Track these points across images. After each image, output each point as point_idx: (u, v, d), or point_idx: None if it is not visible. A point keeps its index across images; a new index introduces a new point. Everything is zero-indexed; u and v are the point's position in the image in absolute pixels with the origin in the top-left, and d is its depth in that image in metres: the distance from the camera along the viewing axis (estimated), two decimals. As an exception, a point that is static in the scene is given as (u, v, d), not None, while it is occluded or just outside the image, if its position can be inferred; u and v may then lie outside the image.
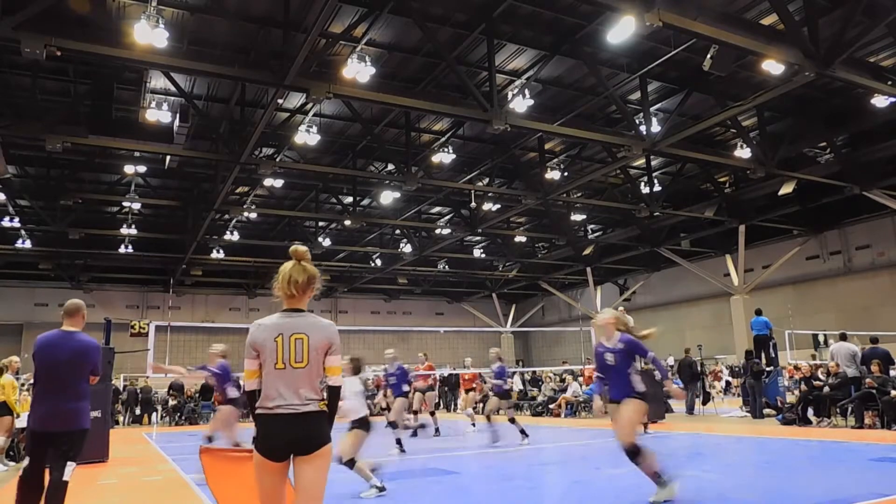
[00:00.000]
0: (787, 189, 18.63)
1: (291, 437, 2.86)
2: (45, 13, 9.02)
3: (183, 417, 20.70)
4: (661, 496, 5.24)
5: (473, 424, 14.05)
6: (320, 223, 24.35)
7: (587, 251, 28.06)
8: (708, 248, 26.60)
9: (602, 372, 5.70)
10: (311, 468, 2.88)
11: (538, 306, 38.00)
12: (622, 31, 10.64)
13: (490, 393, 12.54)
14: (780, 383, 14.80)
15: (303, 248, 3.19)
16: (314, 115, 15.46)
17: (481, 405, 17.38)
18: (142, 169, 18.60)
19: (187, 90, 13.78)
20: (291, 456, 2.90)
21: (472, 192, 20.57)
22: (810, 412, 12.09)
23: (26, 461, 4.37)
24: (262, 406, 2.92)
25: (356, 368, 6.86)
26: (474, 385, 17.75)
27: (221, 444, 7.64)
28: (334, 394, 3.06)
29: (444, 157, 17.21)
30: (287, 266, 3.12)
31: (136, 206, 21.82)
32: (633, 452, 5.24)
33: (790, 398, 14.24)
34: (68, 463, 4.29)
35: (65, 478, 4.27)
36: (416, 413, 13.51)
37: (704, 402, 15.88)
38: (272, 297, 3.19)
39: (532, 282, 34.04)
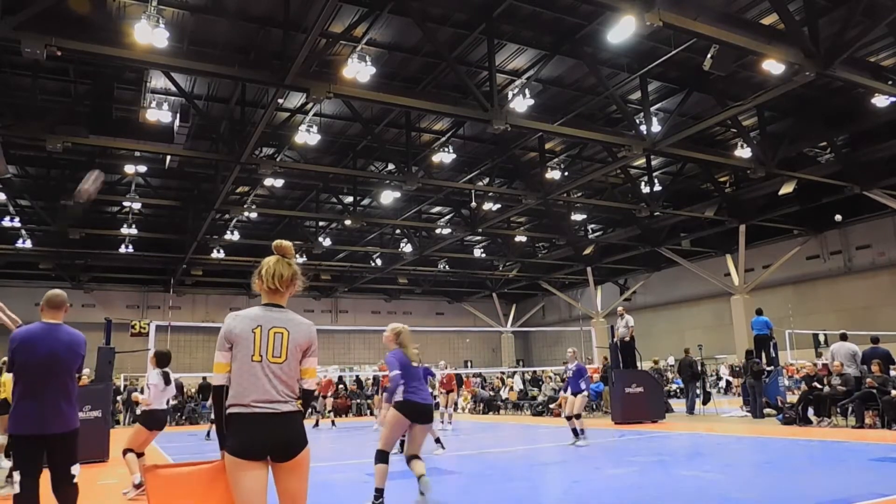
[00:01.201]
0: (787, 189, 18.62)
1: (272, 439, 2.68)
2: (45, 13, 9.02)
3: (183, 417, 20.71)
4: None
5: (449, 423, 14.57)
6: (321, 223, 24.35)
7: (587, 251, 28.06)
8: (708, 247, 26.60)
9: None
10: (295, 476, 2.75)
11: (538, 306, 38.00)
12: (622, 31, 10.63)
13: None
14: (780, 383, 14.79)
15: (287, 244, 3.05)
16: (314, 114, 15.47)
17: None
18: (142, 169, 18.61)
19: (187, 90, 13.78)
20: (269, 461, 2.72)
21: (473, 191, 20.57)
22: (810, 412, 12.08)
23: (17, 475, 3.89)
24: (236, 403, 2.69)
25: (161, 361, 7.04)
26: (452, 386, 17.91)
27: None
28: (308, 397, 2.91)
29: (445, 157, 17.21)
30: (271, 261, 2.96)
31: (137, 205, 21.83)
32: (377, 457, 5.58)
33: (790, 398, 14.23)
34: (73, 466, 4.03)
35: (75, 480, 4.02)
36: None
37: (704, 402, 15.87)
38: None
39: (532, 282, 34.03)
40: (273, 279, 2.90)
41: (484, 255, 30.14)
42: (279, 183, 19.97)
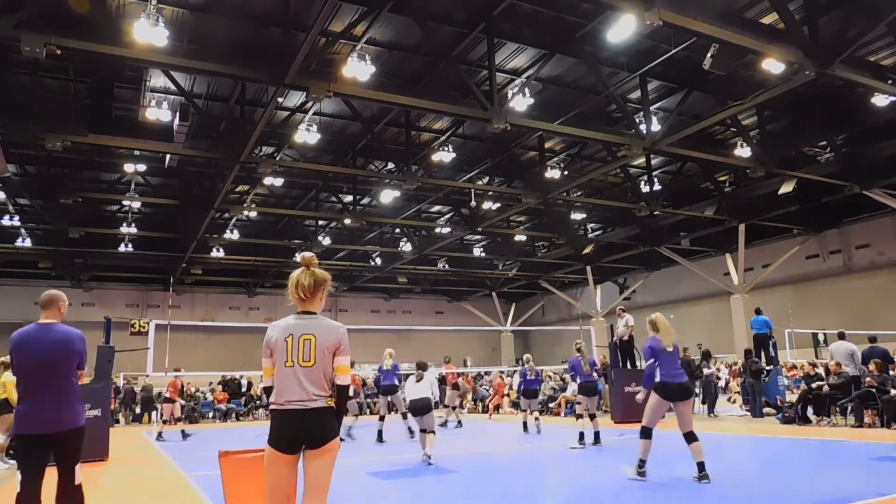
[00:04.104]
0: (787, 188, 18.60)
1: (301, 430, 3.09)
2: (44, 12, 9.02)
3: (183, 416, 20.69)
4: None
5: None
6: (320, 222, 24.34)
7: (587, 250, 28.04)
8: (708, 247, 26.58)
9: None
10: (318, 462, 3.10)
11: (538, 305, 38.00)
12: (622, 29, 10.63)
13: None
14: (779, 382, 14.80)
15: (309, 255, 3.41)
16: (314, 113, 15.46)
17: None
18: (142, 167, 18.58)
19: (187, 89, 13.77)
20: (303, 450, 3.12)
21: (472, 190, 20.55)
22: (810, 411, 12.09)
23: (19, 475, 3.92)
24: (274, 402, 3.15)
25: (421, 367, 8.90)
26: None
27: None
28: (342, 392, 3.24)
29: (444, 156, 17.20)
30: (296, 273, 3.35)
31: (136, 204, 21.81)
32: (641, 433, 6.67)
33: (790, 397, 14.24)
34: (76, 466, 4.01)
35: (77, 482, 3.99)
36: (454, 409, 15.76)
37: (703, 402, 15.88)
38: (273, 296, 3.31)
39: (532, 281, 34.02)
40: (297, 289, 3.30)
41: (483, 255, 30.13)
42: (279, 182, 19.95)
